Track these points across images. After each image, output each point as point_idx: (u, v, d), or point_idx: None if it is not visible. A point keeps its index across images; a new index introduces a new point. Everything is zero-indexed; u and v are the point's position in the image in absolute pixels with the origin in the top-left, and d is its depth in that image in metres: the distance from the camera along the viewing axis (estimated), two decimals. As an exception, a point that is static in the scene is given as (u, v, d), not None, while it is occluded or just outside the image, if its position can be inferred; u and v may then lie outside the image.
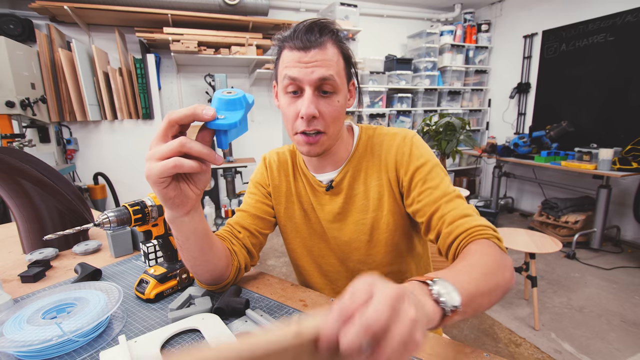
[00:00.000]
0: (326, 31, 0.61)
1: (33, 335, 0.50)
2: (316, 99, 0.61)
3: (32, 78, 2.46)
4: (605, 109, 3.09)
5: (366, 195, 0.72)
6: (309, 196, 0.78)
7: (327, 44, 0.60)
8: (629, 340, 1.70)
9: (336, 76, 0.61)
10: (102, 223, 0.58)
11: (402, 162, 0.69)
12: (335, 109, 0.63)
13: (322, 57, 0.59)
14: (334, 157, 0.73)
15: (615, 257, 2.69)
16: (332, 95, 0.62)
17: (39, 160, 0.91)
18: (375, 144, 0.73)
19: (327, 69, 0.60)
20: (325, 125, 0.63)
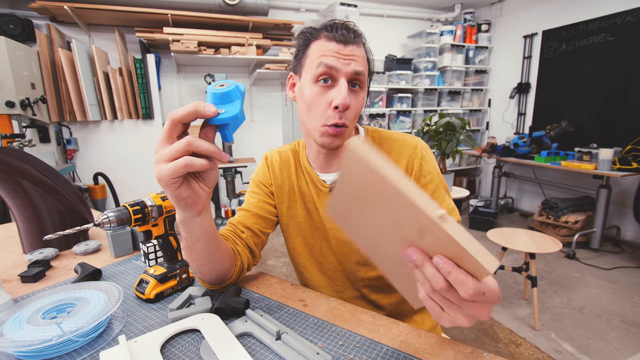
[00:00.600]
0: (360, 35, 0.66)
1: (33, 335, 0.50)
2: (350, 94, 0.63)
3: (32, 78, 2.46)
4: (605, 109, 3.09)
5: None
6: (312, 195, 0.78)
7: (360, 43, 0.64)
8: (629, 340, 1.70)
9: (365, 73, 0.64)
10: (102, 223, 0.58)
11: (411, 175, 0.70)
12: (360, 104, 0.65)
13: (358, 53, 0.63)
14: (338, 156, 0.73)
15: (615, 257, 2.69)
16: (360, 91, 0.65)
17: (39, 160, 0.91)
18: (383, 149, 0.73)
19: (361, 64, 0.63)
20: (351, 119, 0.65)
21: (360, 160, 0.34)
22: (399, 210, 0.34)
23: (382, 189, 0.34)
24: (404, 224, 0.36)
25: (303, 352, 0.50)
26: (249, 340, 0.55)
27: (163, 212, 0.67)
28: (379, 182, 0.33)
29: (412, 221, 0.34)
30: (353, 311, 0.64)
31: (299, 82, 0.69)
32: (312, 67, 0.63)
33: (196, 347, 0.53)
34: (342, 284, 0.81)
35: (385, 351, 0.52)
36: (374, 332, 0.57)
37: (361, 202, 0.39)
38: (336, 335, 0.56)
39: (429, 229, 0.33)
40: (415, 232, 0.35)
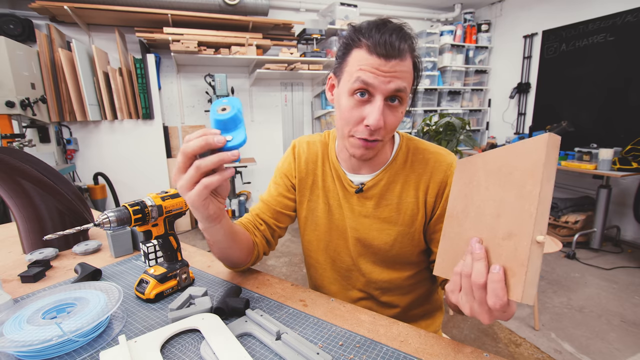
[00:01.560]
0: (408, 41, 0.58)
1: (33, 335, 0.50)
2: (384, 108, 0.59)
3: (32, 78, 2.46)
4: (605, 109, 3.09)
5: (398, 209, 0.71)
6: (337, 192, 0.76)
7: (407, 55, 0.58)
8: (629, 340, 1.70)
9: (407, 88, 0.60)
10: (102, 223, 0.58)
11: (446, 191, 0.68)
12: (397, 120, 0.62)
13: (401, 68, 0.57)
14: (373, 160, 0.72)
15: (615, 257, 2.69)
16: (399, 106, 0.61)
17: (39, 160, 0.91)
18: (417, 160, 0.71)
19: (403, 80, 0.58)
20: (385, 134, 0.62)
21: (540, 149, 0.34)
22: (515, 209, 0.36)
23: (525, 181, 0.35)
24: (506, 220, 0.37)
25: (303, 352, 0.50)
26: (249, 340, 0.55)
27: (163, 212, 0.67)
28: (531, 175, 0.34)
29: (515, 224, 0.36)
30: (353, 311, 0.64)
31: (337, 88, 0.66)
32: (350, 79, 0.59)
33: (196, 347, 0.53)
34: (353, 283, 0.80)
35: (385, 351, 0.52)
36: (374, 332, 0.57)
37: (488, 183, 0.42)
38: (336, 335, 0.56)
39: (520, 240, 0.35)
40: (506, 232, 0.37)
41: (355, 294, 0.81)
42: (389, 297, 0.79)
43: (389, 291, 0.78)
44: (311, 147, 0.80)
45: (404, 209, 0.71)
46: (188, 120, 3.49)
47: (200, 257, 0.89)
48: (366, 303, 0.80)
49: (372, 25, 0.59)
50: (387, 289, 0.78)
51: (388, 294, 0.79)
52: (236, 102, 0.50)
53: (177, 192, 0.71)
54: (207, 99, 3.39)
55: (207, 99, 3.34)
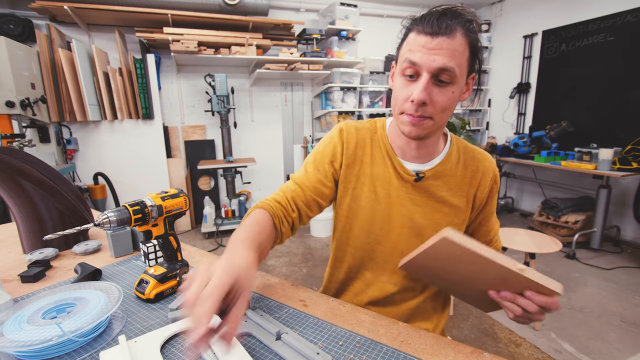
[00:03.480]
0: (459, 20, 0.59)
1: (33, 335, 0.50)
2: (430, 86, 0.60)
3: (32, 78, 2.46)
4: (605, 109, 3.09)
5: (451, 202, 0.74)
6: (388, 180, 0.74)
7: (456, 33, 0.58)
8: (629, 340, 1.70)
9: (456, 67, 0.59)
10: (102, 223, 0.58)
11: (494, 188, 0.76)
12: (447, 99, 0.61)
13: (448, 45, 0.57)
14: (427, 149, 0.72)
15: (615, 257, 2.69)
16: (448, 86, 0.60)
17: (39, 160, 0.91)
18: (468, 158, 0.75)
19: (450, 59, 0.58)
20: (434, 112, 0.62)
21: (459, 245, 0.48)
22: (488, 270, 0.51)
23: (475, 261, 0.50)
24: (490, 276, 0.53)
25: (303, 352, 0.50)
26: (249, 340, 0.55)
27: (163, 212, 0.67)
28: (475, 258, 0.49)
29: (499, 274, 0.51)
30: (353, 311, 0.64)
31: (395, 73, 0.68)
32: (401, 61, 0.63)
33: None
34: (386, 274, 0.79)
35: (385, 351, 0.52)
36: (374, 332, 0.57)
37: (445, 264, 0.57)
38: (336, 335, 0.56)
39: (513, 278, 0.50)
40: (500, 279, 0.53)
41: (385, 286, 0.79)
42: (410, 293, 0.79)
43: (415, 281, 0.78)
44: (360, 132, 0.78)
45: (455, 201, 0.74)
46: (188, 120, 3.49)
47: (200, 257, 0.89)
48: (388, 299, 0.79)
49: (427, 11, 0.61)
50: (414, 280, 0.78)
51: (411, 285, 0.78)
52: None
53: (177, 192, 0.71)
54: (207, 99, 3.39)
55: (207, 99, 3.34)
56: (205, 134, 3.56)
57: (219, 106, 3.08)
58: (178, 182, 3.32)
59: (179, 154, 3.48)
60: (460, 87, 0.62)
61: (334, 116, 3.58)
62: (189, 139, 3.50)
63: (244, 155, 3.72)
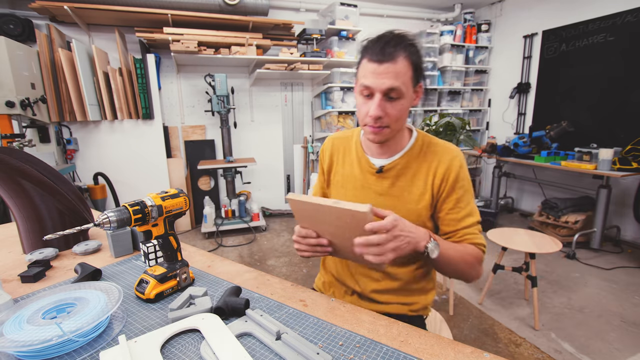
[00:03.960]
0: (401, 45, 0.71)
1: (33, 335, 0.50)
2: (384, 102, 0.73)
3: (32, 78, 2.46)
4: (605, 109, 3.09)
5: (410, 189, 0.84)
6: (355, 176, 0.89)
7: (398, 58, 0.71)
8: (628, 340, 1.70)
9: (402, 86, 0.72)
10: (102, 223, 0.58)
11: (449, 177, 0.81)
12: (398, 111, 0.75)
13: (393, 69, 0.71)
14: (390, 147, 0.85)
15: (615, 257, 2.69)
16: (397, 100, 0.74)
17: (39, 160, 0.91)
18: (429, 152, 0.84)
19: (395, 80, 0.71)
20: (389, 122, 0.76)
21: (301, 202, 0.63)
22: (337, 220, 0.62)
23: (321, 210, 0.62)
24: (343, 227, 0.62)
25: (303, 352, 0.50)
26: (249, 340, 0.55)
27: (163, 212, 0.67)
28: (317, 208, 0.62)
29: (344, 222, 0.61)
30: (353, 311, 0.64)
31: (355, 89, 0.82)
32: (359, 84, 0.76)
33: (196, 347, 0.53)
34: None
35: (385, 351, 0.52)
36: (374, 332, 0.57)
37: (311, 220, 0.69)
38: (336, 335, 0.56)
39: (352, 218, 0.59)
40: (349, 228, 0.61)
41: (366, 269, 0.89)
42: (393, 269, 0.87)
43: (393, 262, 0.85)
44: (335, 141, 0.96)
45: (414, 190, 0.83)
46: (188, 120, 3.49)
47: (200, 257, 0.89)
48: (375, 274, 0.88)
49: (372, 39, 0.75)
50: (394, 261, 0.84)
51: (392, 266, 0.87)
52: None
53: (177, 192, 0.71)
54: (207, 99, 3.39)
55: (207, 99, 3.34)
56: (205, 134, 3.56)
57: (219, 106, 3.08)
58: (178, 182, 3.32)
59: (179, 154, 3.48)
60: (408, 99, 0.75)
61: (334, 116, 3.58)
62: (189, 139, 3.50)
63: (244, 155, 3.72)
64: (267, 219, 3.74)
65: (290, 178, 4.02)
